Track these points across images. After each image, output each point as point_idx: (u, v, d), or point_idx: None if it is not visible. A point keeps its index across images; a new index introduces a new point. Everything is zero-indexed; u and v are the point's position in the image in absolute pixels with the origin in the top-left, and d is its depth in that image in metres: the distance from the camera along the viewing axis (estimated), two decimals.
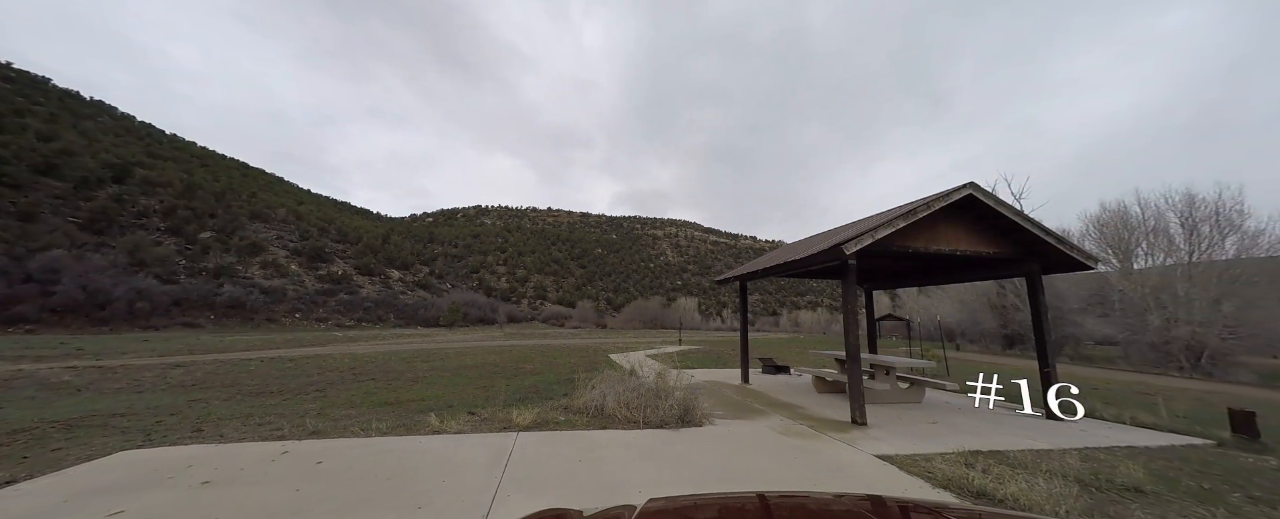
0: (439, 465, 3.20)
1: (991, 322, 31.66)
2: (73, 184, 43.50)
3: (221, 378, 8.81)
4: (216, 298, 41.98)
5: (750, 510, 1.00)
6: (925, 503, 0.97)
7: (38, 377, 8.56)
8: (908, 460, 3.64)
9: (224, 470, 2.96)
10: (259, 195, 68.69)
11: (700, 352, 17.03)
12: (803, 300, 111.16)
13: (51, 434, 4.38)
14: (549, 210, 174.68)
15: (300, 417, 5.05)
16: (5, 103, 51.80)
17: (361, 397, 6.67)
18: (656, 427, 4.53)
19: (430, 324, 54.35)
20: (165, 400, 6.37)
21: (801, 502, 1.04)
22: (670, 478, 3.17)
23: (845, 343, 5.68)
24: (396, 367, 11.07)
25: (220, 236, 51.76)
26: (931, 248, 5.89)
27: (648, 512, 0.83)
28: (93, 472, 2.91)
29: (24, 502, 2.44)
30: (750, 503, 1.07)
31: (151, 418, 5.14)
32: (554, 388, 7.31)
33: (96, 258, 36.73)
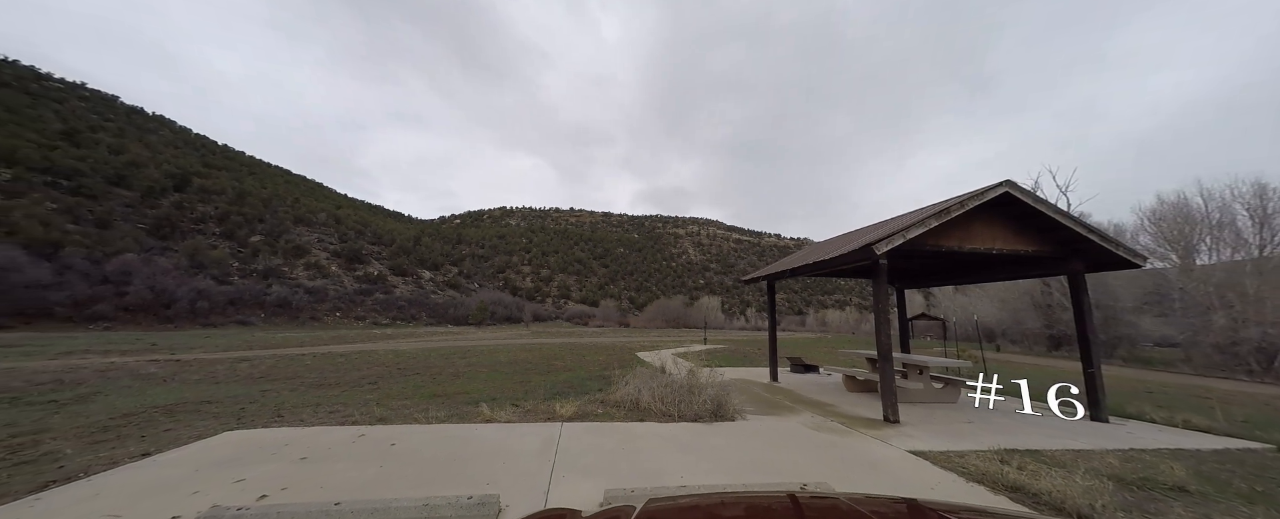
0: (496, 450, 3.53)
1: (1035, 321, 30.11)
2: (140, 193, 47.29)
3: (283, 371, 9.58)
4: (266, 297, 44.77)
5: (750, 510, 0.99)
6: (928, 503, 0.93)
7: (128, 368, 9.56)
8: (941, 456, 3.72)
9: (315, 449, 3.38)
10: (302, 200, 72.66)
11: (726, 351, 17.09)
12: (830, 299, 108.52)
13: (157, 418, 4.99)
14: (571, 210, 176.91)
15: (363, 406, 5.54)
16: (82, 120, 56.70)
17: (411, 389, 7.18)
18: (691, 420, 4.75)
19: (460, 322, 56.24)
20: (241, 390, 7.06)
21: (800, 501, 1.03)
22: (707, 468, 3.38)
23: (877, 342, 5.72)
24: (436, 363, 11.69)
25: (268, 240, 55.10)
26: (965, 247, 5.85)
27: (648, 512, 0.82)
28: (209, 448, 3.39)
29: (163, 471, 2.90)
30: (750, 503, 1.08)
31: (235, 405, 5.75)
32: (588, 384, 7.62)
33: (162, 261, 39.81)
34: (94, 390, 6.96)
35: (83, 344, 17.50)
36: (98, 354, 13.14)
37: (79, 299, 31.49)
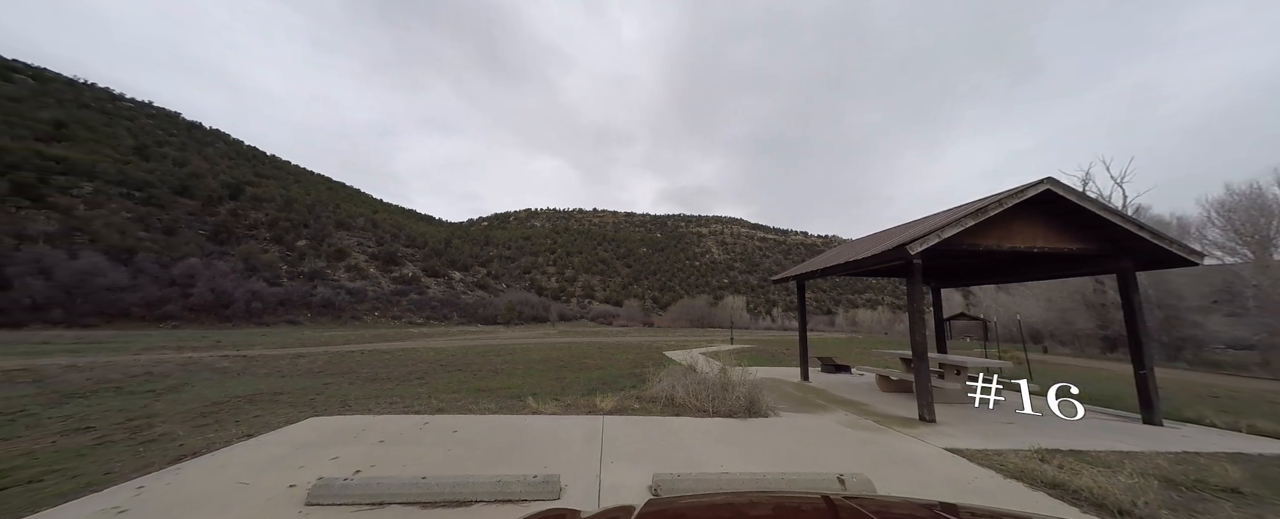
0: (547, 438, 3.83)
1: (1087, 321, 28.29)
2: (201, 202, 51.09)
3: (337, 367, 10.32)
4: (312, 298, 47.48)
5: (750, 511, 1.01)
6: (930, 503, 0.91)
7: (204, 363, 10.54)
8: (978, 454, 3.76)
9: (388, 434, 3.77)
10: (341, 206, 76.56)
11: (754, 350, 17.05)
12: (861, 298, 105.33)
13: (242, 406, 5.59)
14: (594, 211, 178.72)
15: (417, 398, 6.00)
16: (149, 135, 61.62)
17: (457, 384, 7.64)
18: (725, 416, 4.93)
19: (489, 321, 57.95)
20: (306, 383, 7.70)
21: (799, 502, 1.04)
22: (745, 459, 3.56)
23: (911, 341, 5.71)
24: (474, 360, 12.27)
25: (313, 244, 58.38)
26: (1004, 245, 5.75)
27: (648, 512, 0.83)
28: (299, 431, 3.85)
29: (268, 449, 3.35)
30: (750, 503, 1.09)
31: (305, 396, 6.33)
32: (621, 381, 7.89)
33: (221, 265, 42.88)
34: (181, 382, 7.77)
35: (158, 341, 19.24)
36: (173, 350, 14.46)
37: (151, 300, 34.40)
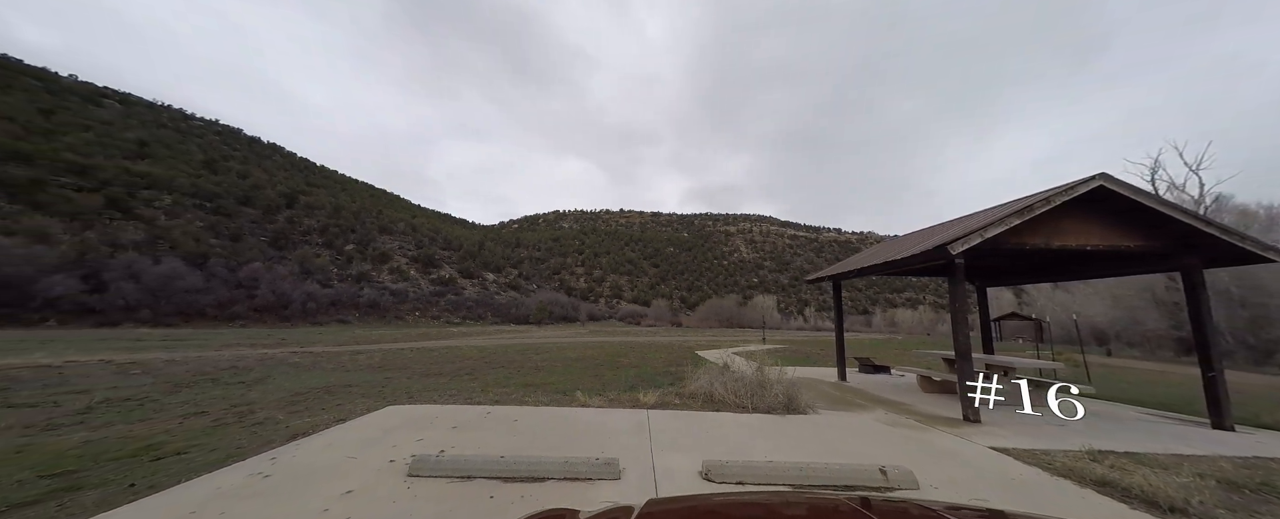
0: (599, 428, 4.14)
1: (1159, 321, 26.00)
2: (262, 210, 55.26)
3: (393, 362, 11.12)
4: (359, 298, 50.42)
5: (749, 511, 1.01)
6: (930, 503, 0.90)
7: (278, 358, 11.61)
8: (1025, 454, 3.77)
9: (459, 421, 4.20)
10: (384, 212, 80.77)
11: (788, 351, 16.90)
12: (900, 297, 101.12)
13: (322, 396, 6.23)
14: (621, 212, 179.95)
15: (472, 392, 6.48)
16: (216, 150, 67.08)
17: (503, 379, 8.14)
18: (764, 412, 5.09)
19: (521, 321, 59.68)
20: (370, 377, 8.41)
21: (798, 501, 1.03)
22: (787, 450, 3.74)
23: (954, 342, 5.67)
24: (514, 358, 12.86)
25: (359, 248, 61.95)
26: (1054, 243, 5.61)
27: (648, 512, 0.83)
28: (382, 417, 4.35)
29: (361, 432, 3.83)
30: (749, 503, 1.09)
31: (373, 388, 6.96)
32: (657, 378, 8.16)
33: (280, 268, 46.27)
34: (263, 375, 8.65)
35: (232, 339, 21.16)
36: (247, 347, 15.92)
37: (222, 301, 37.64)
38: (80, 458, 3.47)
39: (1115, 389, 8.87)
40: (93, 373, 8.56)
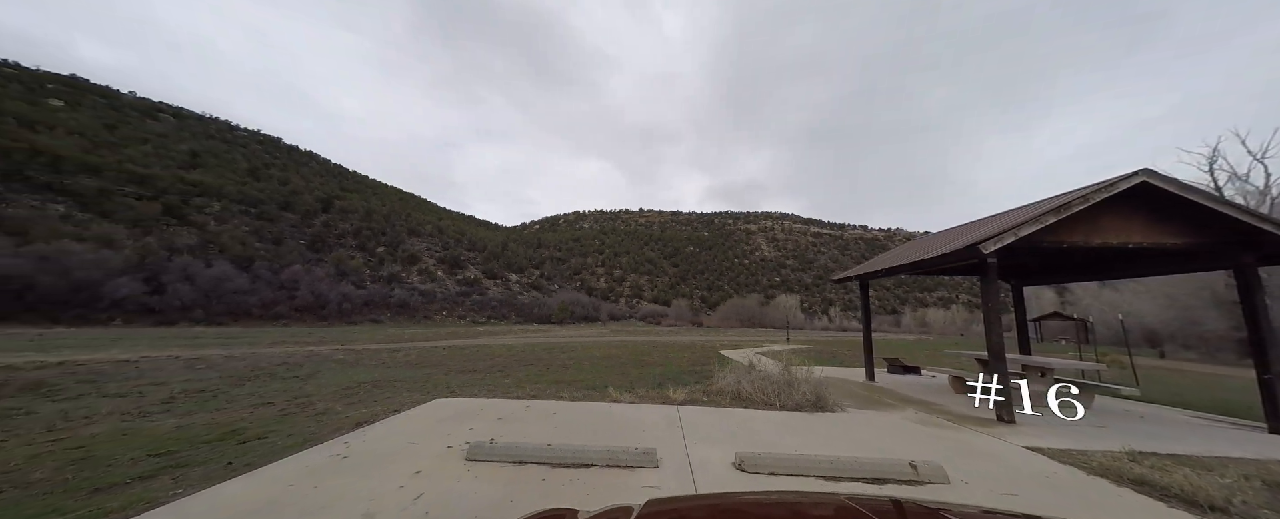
0: (633, 422, 4.35)
1: (1219, 322, 24.23)
2: (301, 215, 58.11)
3: (429, 359, 11.66)
4: (390, 299, 52.40)
5: (749, 511, 1.01)
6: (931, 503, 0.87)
7: (323, 355, 12.35)
8: (1061, 453, 3.76)
9: (502, 413, 4.49)
10: (412, 215, 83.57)
11: (813, 351, 16.73)
12: (931, 296, 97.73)
13: (371, 390, 6.68)
14: (641, 211, 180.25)
15: (507, 387, 6.81)
16: (259, 159, 70.82)
17: (534, 376, 8.47)
18: (792, 409, 5.19)
19: (544, 320, 60.75)
20: (410, 373, 8.89)
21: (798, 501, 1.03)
22: (816, 446, 3.84)
23: (987, 342, 5.61)
24: (542, 356, 13.25)
25: (390, 250, 64.34)
26: (1093, 242, 5.47)
27: (648, 513, 0.84)
28: (432, 409, 4.69)
29: (416, 422, 4.17)
30: (749, 503, 1.09)
31: (415, 383, 7.39)
32: (683, 376, 8.32)
33: (317, 270, 48.57)
34: (314, 370, 9.27)
35: (278, 337, 22.46)
36: (294, 344, 16.91)
37: (266, 301, 39.86)
38: (177, 440, 3.92)
39: (1166, 392, 8.50)
40: (164, 367, 9.37)
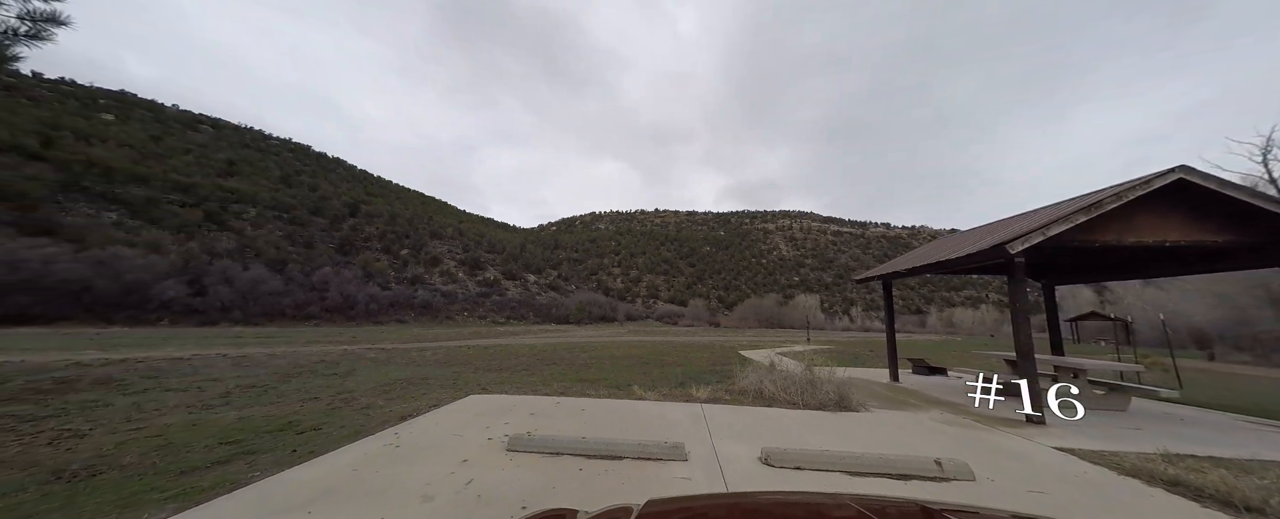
0: (659, 418, 4.50)
1: (1275, 322, 22.78)
2: (330, 220, 60.34)
3: (456, 358, 12.07)
4: (414, 299, 53.87)
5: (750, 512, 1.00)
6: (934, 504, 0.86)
7: (357, 354, 12.91)
8: (1093, 454, 3.73)
9: (534, 409, 4.71)
10: (434, 218, 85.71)
11: (834, 351, 16.55)
12: (958, 296, 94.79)
13: (407, 387, 7.02)
14: (656, 211, 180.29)
15: (534, 385, 7.05)
16: (290, 166, 73.75)
17: (558, 375, 8.71)
18: (816, 408, 5.25)
19: (562, 321, 61.49)
20: (440, 371, 9.25)
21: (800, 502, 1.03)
22: (840, 443, 3.92)
23: (1015, 342, 5.54)
24: (563, 355, 13.52)
25: (413, 252, 66.16)
26: (1127, 240, 5.35)
27: (648, 513, 0.83)
28: (468, 404, 4.95)
29: (456, 415, 4.42)
30: (749, 503, 1.08)
31: (447, 380, 7.71)
32: (705, 376, 8.42)
33: (346, 273, 50.33)
34: (350, 368, 9.73)
35: (312, 336, 23.47)
36: (328, 344, 17.69)
37: (299, 303, 41.57)
38: (242, 430, 4.27)
39: (1211, 395, 8.16)
40: (214, 364, 10.00)
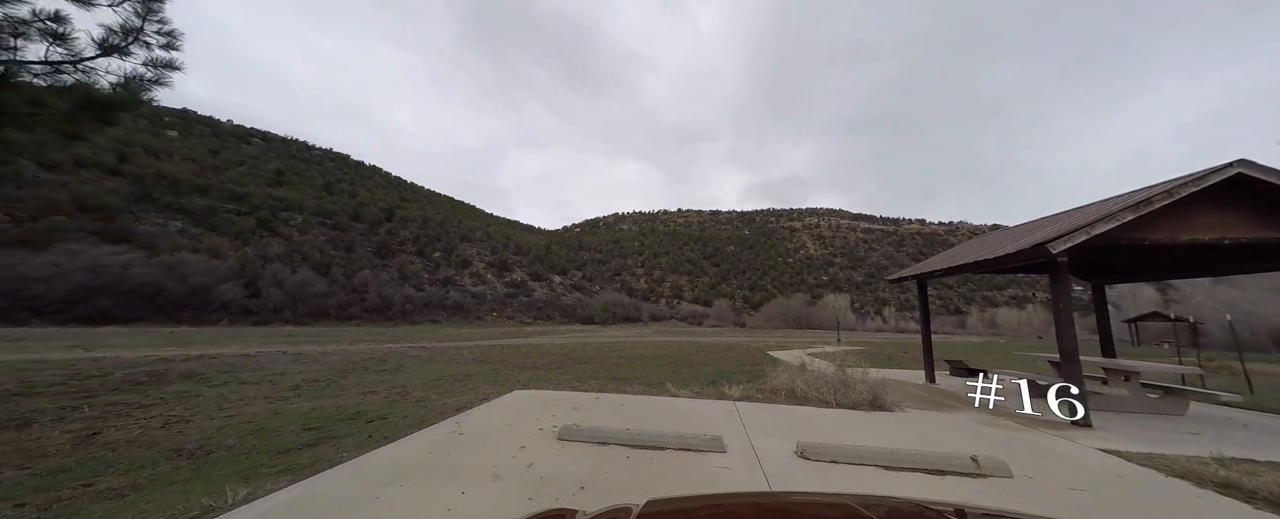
0: (695, 414, 4.70)
1: None
2: (368, 225, 63.36)
3: (492, 357, 12.62)
4: (446, 300, 55.88)
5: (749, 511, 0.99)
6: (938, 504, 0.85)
7: (401, 352, 13.68)
8: (1140, 457, 3.67)
9: (576, 404, 5.01)
10: (464, 221, 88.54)
11: (866, 352, 16.22)
12: (1002, 295, 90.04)
13: (452, 382, 7.48)
14: (679, 211, 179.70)
15: (569, 383, 7.37)
16: (331, 174, 77.79)
17: (590, 373, 9.01)
18: (849, 408, 5.32)
19: (587, 321, 62.33)
20: (478, 369, 9.75)
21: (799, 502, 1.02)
22: (874, 441, 4.00)
23: (1058, 344, 5.42)
24: (592, 354, 13.88)
25: (445, 255, 68.58)
26: (1180, 238, 5.14)
27: (648, 512, 0.84)
28: (515, 399, 5.30)
29: (507, 407, 4.77)
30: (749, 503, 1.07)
31: (487, 377, 8.15)
32: (734, 375, 8.54)
33: (383, 275, 52.79)
34: (397, 365, 10.38)
35: (356, 335, 24.85)
36: (373, 342, 18.75)
37: (341, 304, 43.94)
38: (318, 418, 4.75)
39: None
40: (277, 360, 10.87)
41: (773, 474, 2.99)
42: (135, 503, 2.58)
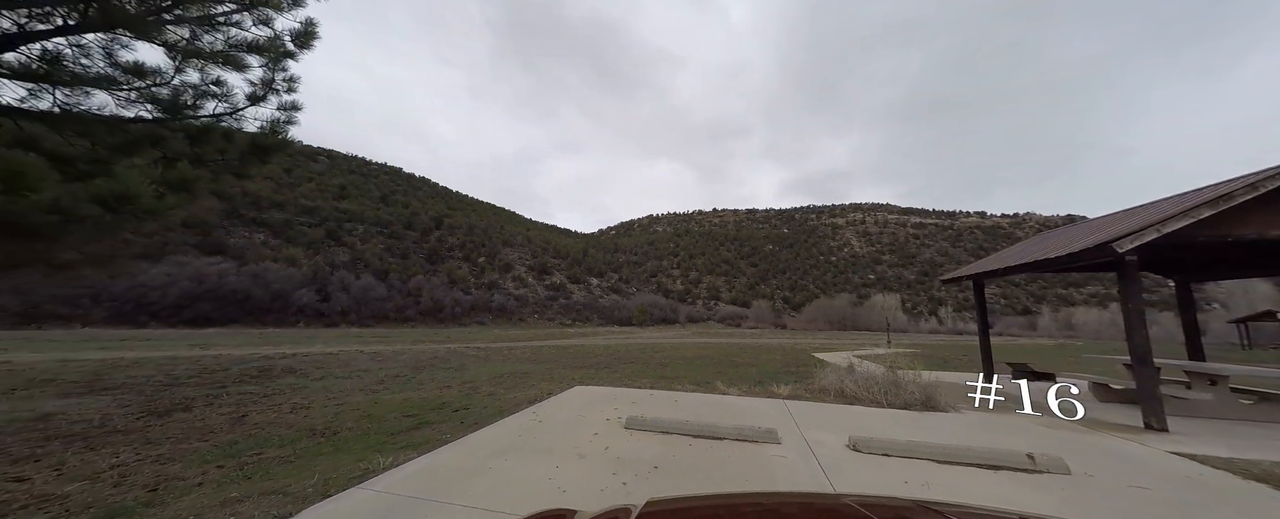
0: (748, 410, 4.97)
1: None
2: (420, 233, 67.52)
3: (542, 356, 13.36)
4: (491, 303, 58.53)
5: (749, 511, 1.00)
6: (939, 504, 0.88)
7: (461, 352, 14.75)
8: (1217, 460, 3.57)
9: (634, 399, 5.42)
10: (505, 227, 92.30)
11: (918, 355, 15.59)
12: (1078, 294, 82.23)
13: (514, 379, 8.14)
14: (714, 211, 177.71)
15: (620, 380, 7.82)
16: (386, 187, 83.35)
17: (637, 373, 9.43)
18: (901, 408, 5.38)
19: (624, 323, 63.18)
20: (535, 367, 10.43)
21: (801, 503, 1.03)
22: (930, 440, 4.11)
23: (1129, 345, 5.21)
24: (637, 355, 14.32)
25: (489, 260, 71.78)
26: (1270, 233, 4.81)
27: (648, 512, 0.85)
28: (577, 393, 5.80)
29: (570, 403, 5.26)
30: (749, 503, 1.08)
31: (545, 374, 8.77)
32: (779, 376, 8.66)
33: (434, 280, 56.06)
34: (460, 363, 11.28)
35: (415, 337, 26.77)
36: (432, 343, 20.22)
37: (399, 307, 47.19)
38: (413, 407, 5.46)
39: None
40: (357, 358, 12.12)
41: (827, 465, 3.23)
42: (305, 467, 3.25)
